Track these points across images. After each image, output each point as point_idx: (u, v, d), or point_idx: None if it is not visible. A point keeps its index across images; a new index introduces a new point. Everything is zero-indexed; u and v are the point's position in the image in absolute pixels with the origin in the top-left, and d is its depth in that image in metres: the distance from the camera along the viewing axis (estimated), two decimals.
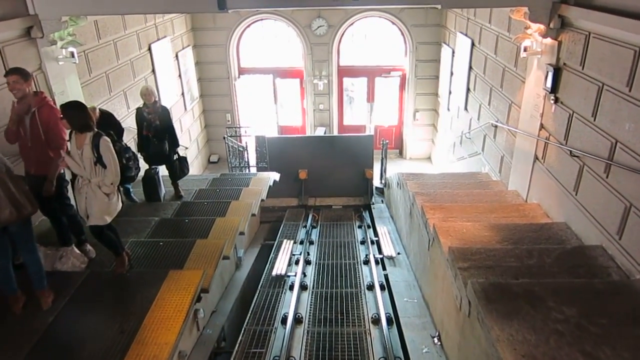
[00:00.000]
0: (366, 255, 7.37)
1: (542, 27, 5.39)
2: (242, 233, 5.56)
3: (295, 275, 6.60)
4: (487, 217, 5.62)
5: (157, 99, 6.34)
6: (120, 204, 4.16)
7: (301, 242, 8.04)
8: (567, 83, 5.09)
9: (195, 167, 11.61)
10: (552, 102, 5.36)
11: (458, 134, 9.70)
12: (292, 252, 7.61)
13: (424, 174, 8.13)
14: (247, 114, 12.75)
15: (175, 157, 6.72)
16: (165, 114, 6.38)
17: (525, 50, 5.76)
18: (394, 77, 12.30)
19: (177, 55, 10.39)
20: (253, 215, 6.32)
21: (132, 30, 8.30)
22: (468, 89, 8.91)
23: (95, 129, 3.88)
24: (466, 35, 8.99)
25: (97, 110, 5.77)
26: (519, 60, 6.47)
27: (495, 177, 7.45)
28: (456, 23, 9.81)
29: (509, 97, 6.88)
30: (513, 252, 4.45)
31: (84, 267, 4.44)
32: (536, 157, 5.88)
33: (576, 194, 4.90)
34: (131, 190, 6.49)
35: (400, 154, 12.93)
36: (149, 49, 8.97)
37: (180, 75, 10.58)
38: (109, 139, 3.88)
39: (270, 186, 7.92)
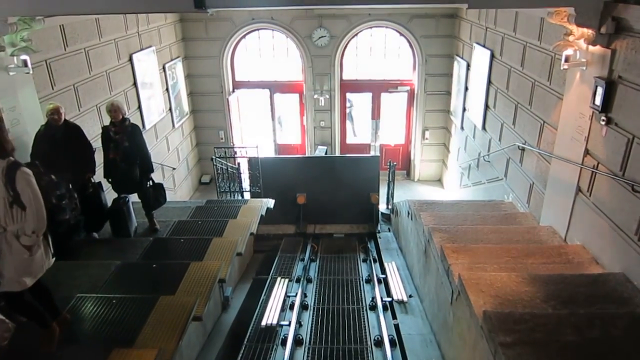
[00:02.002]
0: (372, 298, 6.32)
1: (589, 32, 4.42)
2: (222, 280, 4.52)
3: (289, 325, 5.56)
4: (523, 263, 4.58)
5: (126, 116, 5.37)
6: (49, 260, 3.12)
7: (297, 280, 6.99)
8: (625, 100, 4.10)
9: (184, 189, 10.63)
10: (603, 123, 4.36)
11: (474, 155, 8.70)
12: (286, 292, 6.58)
13: (438, 202, 7.11)
14: (242, 132, 11.79)
15: (149, 184, 5.73)
16: (135, 133, 5.42)
17: (566, 60, 4.77)
18: (401, 92, 11.35)
19: (164, 67, 9.48)
20: (239, 254, 5.29)
21: (110, 38, 7.38)
22: (487, 106, 7.93)
23: (12, 157, 2.86)
24: (484, 46, 8.05)
25: (62, 112, 4.82)
26: (554, 73, 5.50)
27: (522, 208, 6.43)
28: (472, 33, 8.88)
29: (540, 116, 5.90)
30: (568, 319, 3.41)
31: (7, 337, 3.37)
32: (579, 189, 4.86)
33: (639, 239, 3.88)
34: None
35: (408, 175, 11.92)
36: (130, 59, 8.04)
37: (167, 89, 9.65)
38: (29, 171, 2.85)
39: (262, 215, 6.91)
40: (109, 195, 5.83)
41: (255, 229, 6.13)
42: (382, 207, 9.61)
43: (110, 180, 5.56)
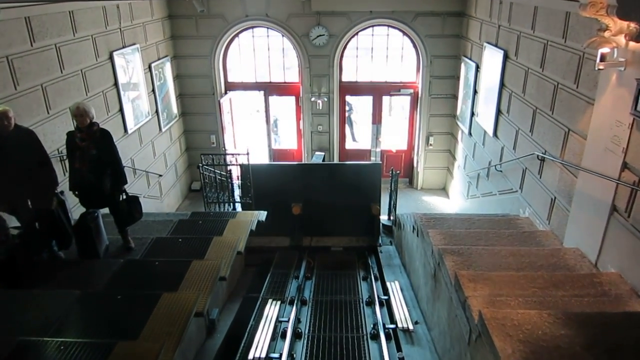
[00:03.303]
0: (374, 325, 5.65)
1: (632, 26, 3.76)
2: (199, 314, 3.84)
3: (280, 359, 4.91)
4: (552, 296, 3.91)
5: (93, 120, 4.68)
6: None
7: (291, 302, 6.31)
8: None
9: (172, 198, 9.95)
10: None
11: (484, 164, 8.04)
12: (278, 317, 5.90)
13: (447, 217, 6.45)
14: (235, 136, 11.13)
15: (122, 197, 5.05)
16: (105, 140, 4.74)
17: (602, 60, 4.11)
18: (404, 95, 10.70)
19: (150, 67, 8.80)
20: (222, 279, 4.60)
21: (86, 34, 6.72)
22: (499, 111, 7.28)
23: None
24: (496, 46, 7.39)
25: (11, 117, 4.13)
26: (583, 74, 4.84)
27: (541, 224, 5.77)
28: (482, 32, 8.23)
29: (564, 123, 5.24)
30: None
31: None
32: (614, 208, 4.21)
33: None
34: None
35: (411, 183, 11.25)
36: (111, 57, 7.37)
37: (154, 90, 8.98)
38: None
39: (252, 230, 6.23)
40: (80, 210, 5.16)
41: (243, 247, 5.44)
42: (384, 218, 8.95)
43: (76, 193, 4.88)
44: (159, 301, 3.71)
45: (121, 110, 7.68)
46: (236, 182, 8.22)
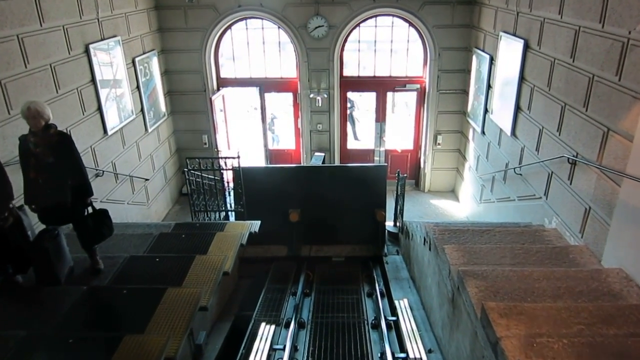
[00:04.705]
0: (381, 354, 4.96)
1: None
2: None
3: None
4: (603, 335, 3.18)
5: (50, 122, 3.96)
6: None
7: (287, 325, 5.60)
8: None
9: (160, 203, 9.23)
10: None
11: (499, 166, 7.31)
12: (272, 344, 5.21)
13: (462, 227, 5.70)
14: (229, 136, 10.40)
15: (88, 211, 4.33)
16: (64, 145, 4.01)
17: None
18: (410, 91, 9.96)
19: (134, 62, 8.07)
20: (203, 309, 3.88)
21: (56, 24, 5.98)
22: (518, 108, 6.54)
23: None
24: (514, 35, 6.65)
25: None
26: (628, 64, 4.10)
27: (572, 237, 5.04)
28: (496, 21, 7.48)
29: (601, 121, 4.50)
30: None
31: None
32: None
33: None
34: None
35: (417, 185, 10.51)
36: (87, 50, 6.64)
37: (138, 87, 8.24)
38: None
39: (242, 244, 5.51)
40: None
41: (231, 266, 4.73)
42: (389, 225, 8.24)
43: (33, 207, 4.16)
44: (119, 346, 3.00)
45: (100, 109, 6.96)
46: (229, 188, 7.47)
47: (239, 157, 6.61)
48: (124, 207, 7.74)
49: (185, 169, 6.68)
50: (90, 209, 4.34)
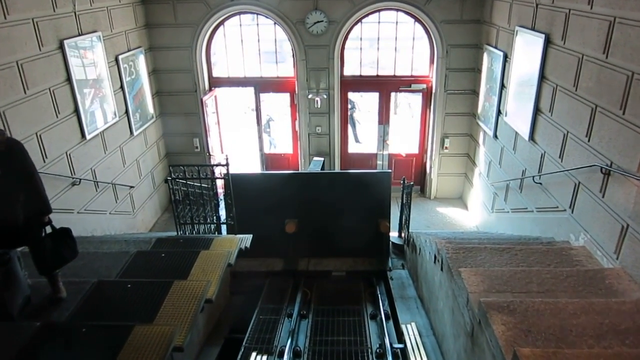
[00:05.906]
0: None
1: None
2: None
3: None
4: None
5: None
6: None
7: (280, 355, 4.99)
8: None
9: (148, 211, 8.62)
10: None
11: (515, 173, 6.69)
12: None
13: (478, 244, 5.08)
14: (222, 139, 9.79)
15: (46, 230, 3.71)
16: (14, 155, 3.38)
17: None
18: (415, 91, 9.34)
19: (117, 60, 7.45)
20: (177, 350, 3.26)
21: (23, 17, 5.36)
22: (537, 110, 5.92)
23: None
24: (533, 29, 6.03)
25: None
26: None
27: (604, 258, 4.41)
28: (511, 15, 6.86)
29: None
30: None
31: None
32: None
33: None
34: None
35: (423, 191, 9.89)
36: (61, 47, 6.03)
37: (122, 87, 7.63)
38: None
39: (230, 264, 4.89)
40: None
41: (215, 292, 4.10)
42: (393, 236, 7.62)
43: None
44: None
45: (77, 111, 6.34)
46: (217, 198, 6.84)
47: (227, 164, 5.98)
48: (106, 217, 7.13)
49: (169, 178, 6.05)
50: (49, 228, 3.72)
